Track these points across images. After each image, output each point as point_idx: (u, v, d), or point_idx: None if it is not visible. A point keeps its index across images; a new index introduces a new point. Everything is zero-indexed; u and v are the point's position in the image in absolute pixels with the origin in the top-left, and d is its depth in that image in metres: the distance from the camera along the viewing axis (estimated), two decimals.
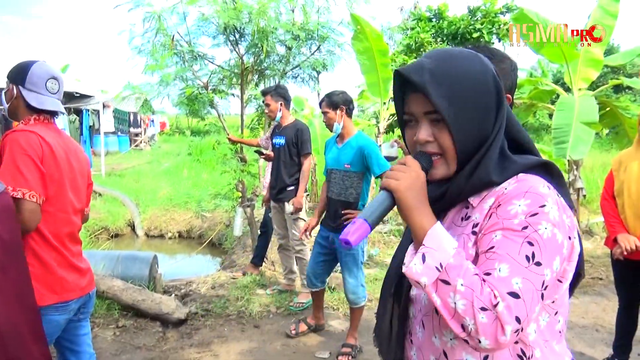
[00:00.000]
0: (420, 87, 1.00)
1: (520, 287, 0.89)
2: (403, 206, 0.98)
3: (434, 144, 1.04)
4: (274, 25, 5.20)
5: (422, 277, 0.92)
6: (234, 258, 6.33)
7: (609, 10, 6.67)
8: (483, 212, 1.00)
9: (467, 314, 0.88)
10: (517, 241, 0.92)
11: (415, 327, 1.12)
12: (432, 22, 12.18)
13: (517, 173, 1.02)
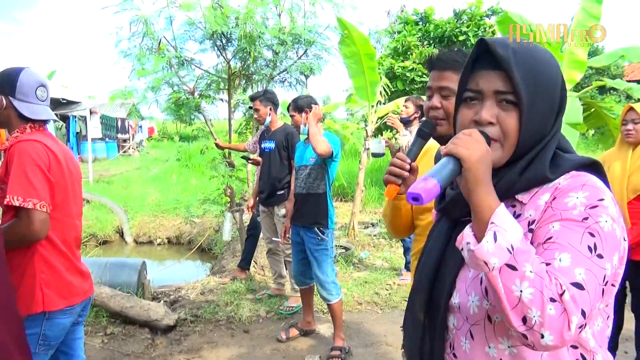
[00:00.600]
0: (504, 62, 0.95)
1: (584, 278, 0.83)
2: (471, 178, 0.89)
3: (496, 127, 0.98)
4: (261, 30, 5.21)
5: (493, 257, 0.83)
6: (224, 263, 6.30)
7: (592, 13, 6.76)
8: (539, 209, 0.95)
9: (534, 305, 0.80)
10: (578, 231, 0.87)
11: (460, 338, 1.03)
12: (419, 25, 12.26)
13: (570, 170, 0.98)
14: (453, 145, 0.92)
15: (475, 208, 0.89)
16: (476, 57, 1.02)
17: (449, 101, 1.64)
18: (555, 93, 1.00)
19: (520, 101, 0.95)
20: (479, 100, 1.01)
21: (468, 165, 0.89)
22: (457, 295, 1.03)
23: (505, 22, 6.31)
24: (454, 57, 1.65)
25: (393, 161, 1.56)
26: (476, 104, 1.01)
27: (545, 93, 0.98)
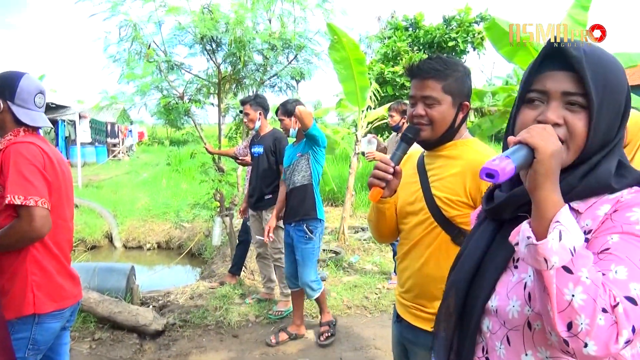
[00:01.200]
0: (577, 63, 0.94)
1: (639, 294, 0.79)
2: (542, 171, 0.85)
3: (562, 128, 0.95)
4: (251, 35, 5.23)
5: (555, 255, 0.80)
6: (214, 268, 6.29)
7: (579, 20, 6.85)
8: (597, 219, 0.92)
9: (584, 312, 0.77)
10: (638, 246, 0.84)
11: (494, 343, 1.01)
12: (409, 31, 12.37)
13: (636, 183, 0.95)
14: (528, 135, 0.87)
15: (540, 204, 0.85)
16: (546, 57, 1.00)
17: (433, 109, 1.67)
18: (621, 97, 0.98)
19: (591, 103, 0.93)
20: (544, 102, 0.99)
21: (542, 157, 0.85)
22: (496, 298, 1.01)
23: (492, 28, 6.39)
24: (434, 66, 1.68)
25: (377, 165, 1.59)
26: (540, 105, 0.99)
27: (613, 96, 0.96)
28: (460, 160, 1.68)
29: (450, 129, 1.71)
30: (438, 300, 1.67)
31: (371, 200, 1.63)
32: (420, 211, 1.73)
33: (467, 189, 1.64)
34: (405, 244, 1.80)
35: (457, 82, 1.69)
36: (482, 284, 1.04)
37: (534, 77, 1.01)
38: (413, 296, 1.77)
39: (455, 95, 1.68)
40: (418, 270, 1.73)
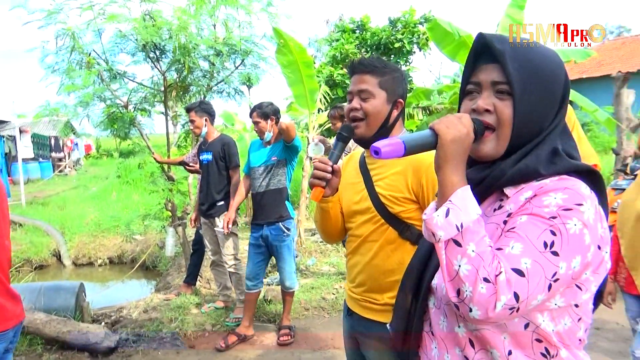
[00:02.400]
0: (499, 55, 1.01)
1: (528, 267, 0.87)
2: (441, 155, 0.96)
3: (492, 115, 1.03)
4: (196, 42, 5.16)
5: (440, 230, 0.90)
6: (169, 279, 6.16)
7: (515, 19, 7.13)
8: (518, 203, 0.98)
9: (468, 280, 0.87)
10: (539, 226, 0.91)
11: (438, 317, 1.09)
12: (356, 33, 12.52)
13: (565, 171, 1.00)
14: (437, 122, 0.98)
15: (441, 183, 0.95)
16: (479, 53, 1.07)
17: (368, 102, 1.72)
18: (554, 88, 1.03)
19: (513, 90, 1.00)
20: (478, 92, 1.06)
21: (441, 142, 0.96)
22: (436, 277, 1.09)
23: (435, 28, 6.56)
24: (372, 63, 1.74)
25: (316, 165, 1.61)
26: (476, 96, 1.06)
27: (542, 86, 1.01)
28: (401, 158, 1.72)
29: (385, 125, 1.75)
30: (388, 292, 1.71)
31: (313, 200, 1.65)
32: (367, 210, 1.76)
33: (409, 186, 1.69)
34: (354, 240, 1.83)
35: (393, 80, 1.75)
36: (431, 265, 1.12)
37: (471, 71, 1.09)
38: (363, 290, 1.80)
39: (390, 91, 1.73)
40: (367, 264, 1.77)
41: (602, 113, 6.78)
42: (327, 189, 1.63)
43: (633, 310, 2.56)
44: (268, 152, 3.94)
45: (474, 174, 1.05)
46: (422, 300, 1.12)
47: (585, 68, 20.99)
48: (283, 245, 3.93)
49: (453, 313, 1.04)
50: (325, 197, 1.69)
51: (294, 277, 4.05)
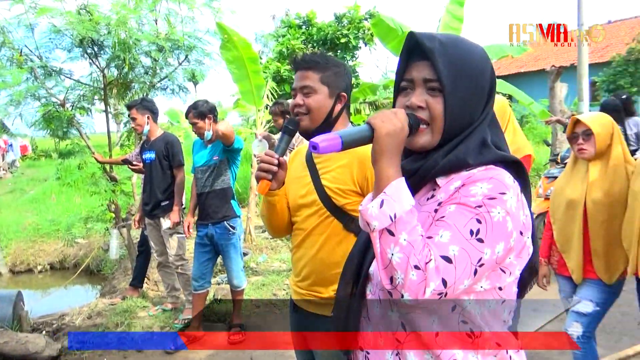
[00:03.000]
0: (429, 53, 1.04)
1: (456, 254, 0.92)
2: (377, 149, 1.00)
3: (425, 111, 1.06)
4: (136, 37, 5.00)
5: (375, 220, 0.94)
6: (115, 283, 5.98)
7: (456, 15, 7.35)
8: (448, 192, 1.03)
9: (400, 268, 0.91)
10: (466, 215, 0.96)
11: (373, 303, 1.13)
12: (302, 29, 12.53)
13: (492, 162, 1.05)
14: (373, 116, 1.02)
15: (377, 175, 0.99)
16: (410, 50, 1.10)
17: (310, 98, 1.74)
18: (482, 83, 1.08)
19: (443, 87, 1.04)
20: (412, 89, 1.09)
21: (377, 136, 1.00)
22: (373, 264, 1.12)
23: (378, 24, 6.67)
24: (314, 59, 1.77)
25: (262, 157, 1.62)
26: (409, 92, 1.10)
27: (470, 82, 1.06)
28: (347, 152, 1.75)
29: (328, 119, 1.77)
30: (333, 285, 1.73)
31: (260, 193, 1.66)
32: (313, 203, 1.78)
33: (354, 178, 1.73)
34: (299, 234, 1.84)
35: (335, 75, 1.78)
36: (369, 254, 1.16)
37: (404, 68, 1.12)
38: (309, 284, 1.81)
39: (332, 86, 1.76)
40: (313, 257, 1.79)
41: (537, 105, 7.12)
42: (274, 182, 1.65)
43: (565, 290, 2.71)
44: (209, 151, 3.88)
45: (410, 165, 1.09)
46: (360, 287, 1.16)
47: (522, 63, 21.93)
48: (229, 244, 3.89)
49: (386, 298, 1.08)
50: (272, 191, 1.69)
51: (241, 276, 4.02)
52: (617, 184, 2.44)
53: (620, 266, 2.46)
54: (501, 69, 21.98)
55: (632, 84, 15.95)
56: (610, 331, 3.64)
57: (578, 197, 2.52)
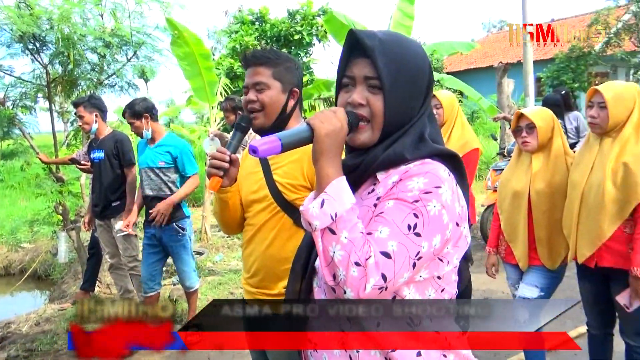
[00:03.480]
0: (369, 51, 1.06)
1: (394, 250, 0.95)
2: (317, 149, 1.01)
3: (366, 108, 1.08)
4: (81, 32, 4.83)
5: (316, 220, 0.96)
6: (65, 288, 5.77)
7: (406, 12, 7.47)
8: (387, 187, 1.05)
9: (341, 265, 0.93)
10: (404, 210, 0.98)
11: (320, 296, 1.14)
12: (255, 25, 12.43)
13: (428, 156, 1.07)
14: (313, 117, 1.03)
15: (317, 175, 1.01)
16: (351, 48, 1.12)
17: (263, 94, 1.74)
18: (420, 79, 1.11)
19: (383, 85, 1.06)
20: (353, 85, 1.11)
21: (317, 136, 1.01)
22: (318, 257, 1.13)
23: (331, 20, 6.71)
24: (265, 54, 1.76)
25: (213, 154, 1.61)
26: (351, 89, 1.11)
27: (409, 79, 1.09)
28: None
29: (283, 115, 1.77)
30: (282, 281, 1.73)
31: (211, 190, 1.65)
32: (264, 198, 1.78)
33: (305, 174, 1.73)
34: (250, 230, 1.84)
35: (286, 71, 1.78)
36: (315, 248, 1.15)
37: (345, 65, 1.13)
38: (259, 280, 1.81)
39: (284, 81, 1.76)
40: (263, 252, 1.78)
41: (485, 101, 7.34)
42: (225, 179, 1.64)
43: (512, 278, 2.82)
44: (154, 153, 3.74)
45: (351, 160, 1.11)
46: (308, 280, 1.18)
47: (472, 59, 22.56)
48: (179, 245, 3.80)
49: (331, 292, 1.09)
50: (224, 188, 1.68)
51: (193, 276, 3.95)
52: (558, 175, 2.56)
53: (562, 252, 2.58)
54: (452, 65, 22.54)
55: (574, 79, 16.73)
56: None
57: (522, 188, 2.62)
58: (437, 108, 3.21)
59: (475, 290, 4.18)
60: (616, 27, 15.11)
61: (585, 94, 2.63)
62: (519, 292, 2.69)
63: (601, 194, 2.29)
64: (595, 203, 2.32)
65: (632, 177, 2.22)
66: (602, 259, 2.35)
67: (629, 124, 2.30)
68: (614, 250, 2.31)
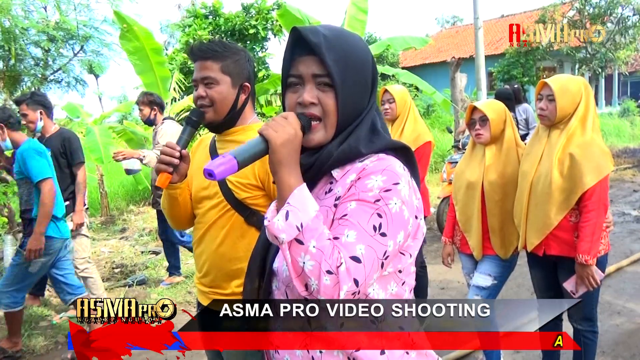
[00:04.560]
0: (316, 48, 1.03)
1: (363, 253, 0.95)
2: (274, 160, 0.98)
3: (317, 107, 1.06)
4: (22, 25, 4.62)
5: (282, 233, 0.93)
6: None
7: (360, 7, 7.53)
8: (345, 186, 1.03)
9: (313, 275, 0.92)
10: (368, 212, 0.98)
11: (280, 298, 1.12)
12: (209, 19, 12.18)
13: (382, 149, 1.07)
14: (265, 127, 1.00)
15: (278, 186, 0.98)
16: (294, 45, 1.08)
17: (212, 89, 1.69)
18: (366, 72, 1.10)
19: (334, 82, 1.04)
20: (301, 85, 1.08)
21: (272, 147, 0.98)
22: (277, 260, 1.12)
23: (285, 15, 6.68)
24: (213, 48, 1.70)
25: (163, 150, 1.56)
26: (299, 88, 1.08)
27: (356, 73, 1.07)
28: None
29: (234, 110, 1.73)
30: (235, 280, 1.70)
31: (160, 186, 1.59)
32: (215, 195, 1.74)
33: (256, 173, 1.69)
34: (200, 228, 1.79)
35: (236, 64, 1.72)
36: (272, 249, 1.15)
37: (289, 63, 1.10)
38: (210, 279, 1.77)
39: (234, 76, 1.71)
40: (214, 251, 1.74)
41: (439, 95, 7.50)
42: (175, 175, 1.59)
43: (467, 267, 2.89)
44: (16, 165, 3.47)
45: (306, 159, 1.08)
46: (266, 284, 1.16)
47: (427, 54, 22.99)
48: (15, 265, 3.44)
49: (294, 294, 1.08)
50: (174, 184, 1.63)
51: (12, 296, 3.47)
52: (510, 166, 2.63)
53: (514, 241, 2.66)
54: (407, 60, 22.89)
55: (524, 74, 17.34)
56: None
57: (476, 179, 2.69)
58: (389, 102, 3.24)
59: (432, 280, 4.27)
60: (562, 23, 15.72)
61: (534, 87, 2.71)
62: (473, 281, 2.76)
63: (548, 183, 2.37)
64: (543, 192, 2.40)
65: (577, 167, 2.31)
66: (550, 247, 2.43)
67: (575, 116, 2.39)
68: (561, 239, 2.40)
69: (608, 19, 17.22)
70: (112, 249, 6.41)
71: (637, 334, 3.48)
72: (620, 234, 5.91)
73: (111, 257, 6.09)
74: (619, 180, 9.45)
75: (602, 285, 2.50)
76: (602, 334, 2.97)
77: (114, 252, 6.27)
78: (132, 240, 6.81)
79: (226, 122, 1.74)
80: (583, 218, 2.32)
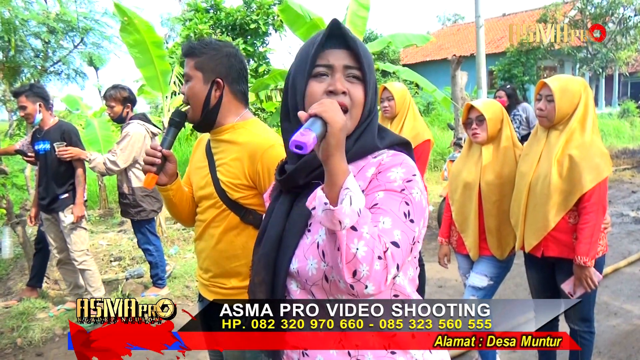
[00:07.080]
0: (351, 42, 1.10)
1: (400, 238, 0.99)
2: (332, 143, 0.93)
3: (347, 97, 1.10)
4: (23, 17, 4.60)
5: (347, 218, 0.91)
6: (10, 285, 5.51)
7: (362, 3, 7.48)
8: (366, 180, 1.08)
9: (365, 261, 0.92)
10: (397, 200, 1.03)
11: (305, 298, 1.12)
12: (210, 13, 12.13)
13: (391, 144, 1.14)
14: (322, 109, 0.95)
15: (331, 172, 0.94)
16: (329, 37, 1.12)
17: (186, 86, 1.71)
18: (374, 72, 1.18)
19: (365, 75, 1.11)
20: (328, 75, 1.11)
21: (333, 130, 0.93)
22: (296, 261, 1.11)
23: (286, 10, 6.63)
24: (192, 45, 1.72)
25: (147, 151, 1.58)
26: (326, 78, 1.11)
27: (373, 73, 1.16)
28: (237, 145, 1.72)
29: (207, 107, 1.70)
30: (235, 277, 1.71)
31: (146, 187, 1.60)
32: (211, 195, 1.74)
33: (246, 173, 1.68)
34: (200, 225, 1.81)
35: (211, 60, 1.70)
36: (286, 251, 1.14)
37: (317, 54, 1.12)
38: (211, 276, 1.78)
39: (206, 72, 1.69)
40: (213, 249, 1.75)
41: (439, 93, 7.47)
42: (163, 175, 1.60)
43: (463, 267, 2.89)
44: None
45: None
46: (282, 285, 1.14)
47: (428, 52, 22.95)
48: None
49: (322, 292, 1.09)
50: (164, 185, 1.64)
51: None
52: (507, 166, 2.63)
53: (511, 242, 2.66)
54: (408, 57, 22.84)
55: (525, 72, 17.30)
56: None
57: (473, 179, 2.68)
58: (389, 100, 3.24)
59: (430, 278, 4.28)
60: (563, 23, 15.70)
61: (534, 86, 2.70)
62: (469, 281, 2.76)
63: (547, 184, 2.37)
64: (542, 194, 2.40)
65: (576, 169, 2.31)
66: (548, 249, 2.44)
67: (575, 117, 2.38)
68: (559, 240, 2.40)
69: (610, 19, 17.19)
70: (110, 242, 6.41)
71: (633, 335, 3.49)
72: (618, 235, 5.93)
73: (109, 249, 6.09)
74: (618, 181, 9.47)
75: (599, 286, 2.51)
76: (598, 334, 2.99)
77: (112, 245, 6.27)
78: (130, 234, 6.80)
79: (204, 121, 1.72)
80: (582, 220, 2.32)
